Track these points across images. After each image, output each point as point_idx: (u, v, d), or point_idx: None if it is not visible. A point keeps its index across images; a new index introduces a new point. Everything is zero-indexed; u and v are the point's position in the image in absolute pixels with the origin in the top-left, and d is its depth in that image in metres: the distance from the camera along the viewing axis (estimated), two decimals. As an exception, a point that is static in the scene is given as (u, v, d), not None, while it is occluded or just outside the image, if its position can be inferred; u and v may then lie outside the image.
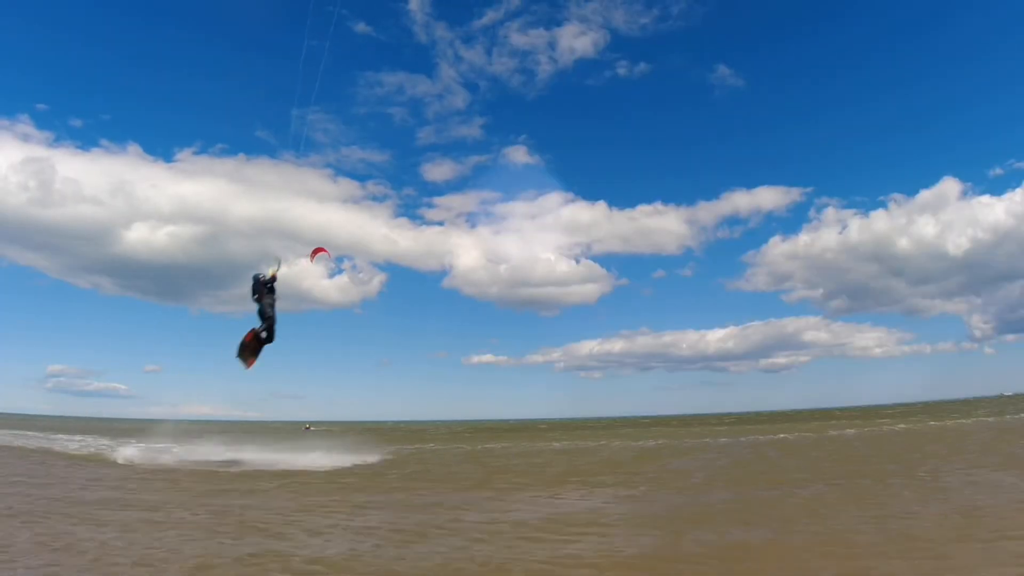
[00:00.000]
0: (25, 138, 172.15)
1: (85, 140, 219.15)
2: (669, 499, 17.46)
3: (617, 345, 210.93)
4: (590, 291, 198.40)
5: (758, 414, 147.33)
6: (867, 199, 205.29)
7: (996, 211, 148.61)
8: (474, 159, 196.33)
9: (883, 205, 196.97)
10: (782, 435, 45.89)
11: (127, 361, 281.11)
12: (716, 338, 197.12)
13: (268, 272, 14.85)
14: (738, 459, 29.16)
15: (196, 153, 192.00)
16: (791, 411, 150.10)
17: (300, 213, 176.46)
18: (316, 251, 35.53)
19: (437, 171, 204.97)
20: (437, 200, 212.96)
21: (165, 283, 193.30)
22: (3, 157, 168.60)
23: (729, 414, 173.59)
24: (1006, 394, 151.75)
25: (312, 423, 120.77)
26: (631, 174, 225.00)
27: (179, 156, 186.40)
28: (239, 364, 15.03)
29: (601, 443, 44.49)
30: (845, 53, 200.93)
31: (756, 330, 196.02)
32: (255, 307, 14.94)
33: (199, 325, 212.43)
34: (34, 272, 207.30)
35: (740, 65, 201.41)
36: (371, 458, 32.30)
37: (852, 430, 48.53)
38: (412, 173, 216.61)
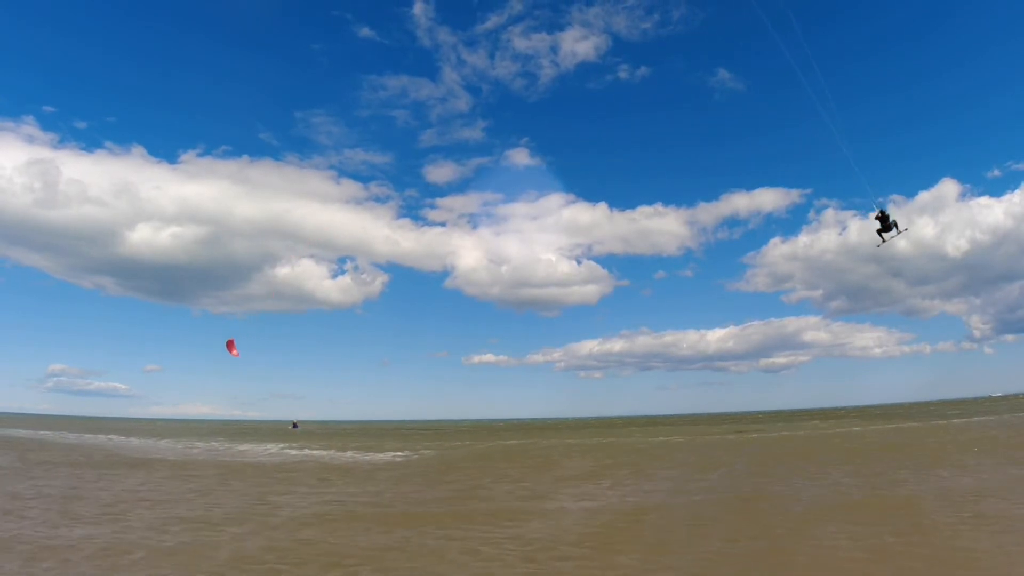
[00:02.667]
0: (30, 140, 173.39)
1: (89, 142, 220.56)
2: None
3: (617, 345, 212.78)
4: (591, 292, 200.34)
5: (759, 414, 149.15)
6: (866, 200, 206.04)
7: (995, 212, 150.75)
8: (476, 161, 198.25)
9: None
10: (786, 432, 47.63)
11: (128, 361, 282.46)
12: (716, 338, 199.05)
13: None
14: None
15: (200, 155, 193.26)
16: (793, 411, 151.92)
17: (303, 214, 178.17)
18: (230, 346, 41.49)
19: (439, 173, 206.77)
20: (439, 201, 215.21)
21: (168, 284, 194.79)
22: (8, 159, 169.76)
23: (729, 413, 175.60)
24: (994, 395, 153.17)
25: (300, 422, 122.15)
26: (632, 176, 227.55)
27: (183, 158, 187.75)
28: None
29: (661, 440, 46.13)
30: (844, 56, 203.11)
31: (756, 330, 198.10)
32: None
33: (201, 325, 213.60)
34: (37, 273, 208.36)
35: (740, 69, 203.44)
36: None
37: (858, 428, 50.36)
38: (414, 175, 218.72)
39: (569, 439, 50.61)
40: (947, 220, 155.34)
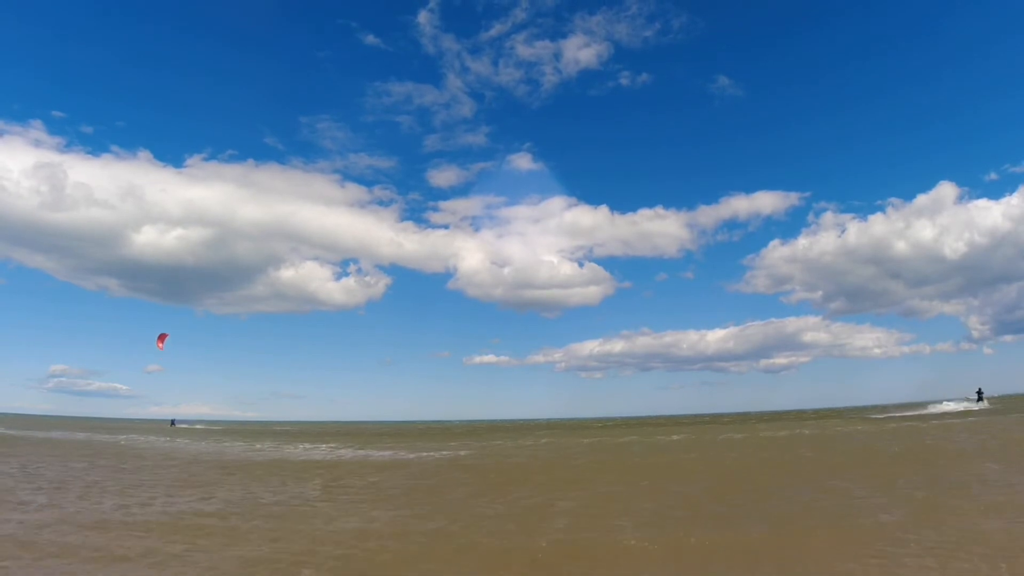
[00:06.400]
0: (37, 144, 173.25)
1: (96, 146, 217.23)
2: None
3: (618, 345, 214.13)
4: (593, 293, 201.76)
5: (759, 413, 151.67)
6: (865, 203, 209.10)
7: (993, 215, 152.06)
8: (479, 165, 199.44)
9: (881, 209, 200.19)
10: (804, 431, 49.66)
11: (129, 361, 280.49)
12: (716, 338, 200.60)
13: None
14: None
15: (206, 159, 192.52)
16: (795, 411, 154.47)
17: (307, 217, 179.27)
18: (161, 339, 50.24)
19: (443, 177, 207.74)
20: (442, 204, 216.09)
21: (172, 285, 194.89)
22: (16, 162, 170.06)
23: (730, 413, 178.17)
24: (970, 396, 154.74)
25: (178, 420, 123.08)
26: (632, 179, 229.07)
27: (189, 162, 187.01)
28: None
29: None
30: (842, 58, 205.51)
31: (756, 331, 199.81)
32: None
33: (203, 326, 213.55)
34: (41, 274, 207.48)
35: (740, 76, 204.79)
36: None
37: (861, 426, 52.60)
38: (418, 178, 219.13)
39: (592, 438, 51.92)
40: (945, 223, 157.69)
